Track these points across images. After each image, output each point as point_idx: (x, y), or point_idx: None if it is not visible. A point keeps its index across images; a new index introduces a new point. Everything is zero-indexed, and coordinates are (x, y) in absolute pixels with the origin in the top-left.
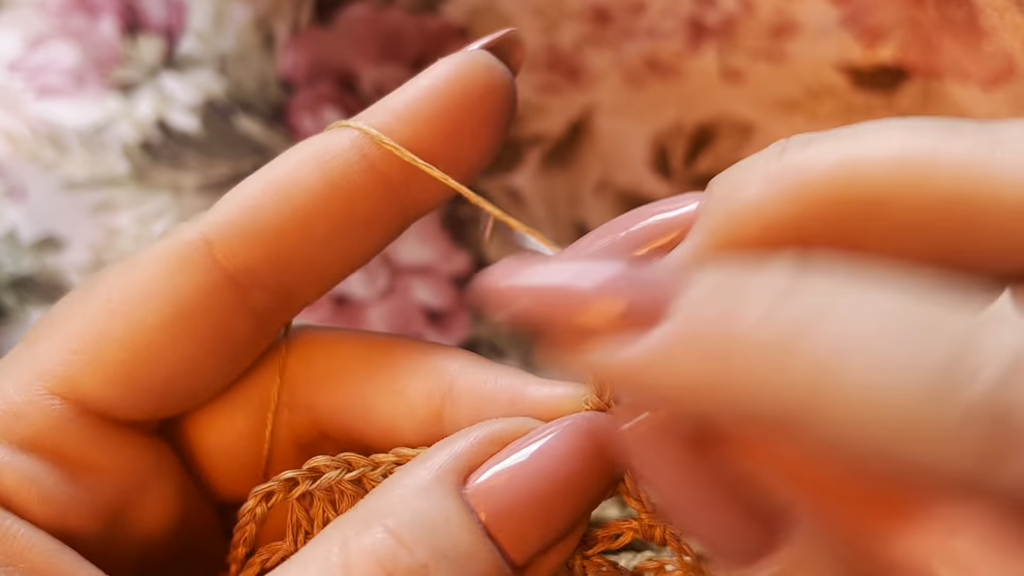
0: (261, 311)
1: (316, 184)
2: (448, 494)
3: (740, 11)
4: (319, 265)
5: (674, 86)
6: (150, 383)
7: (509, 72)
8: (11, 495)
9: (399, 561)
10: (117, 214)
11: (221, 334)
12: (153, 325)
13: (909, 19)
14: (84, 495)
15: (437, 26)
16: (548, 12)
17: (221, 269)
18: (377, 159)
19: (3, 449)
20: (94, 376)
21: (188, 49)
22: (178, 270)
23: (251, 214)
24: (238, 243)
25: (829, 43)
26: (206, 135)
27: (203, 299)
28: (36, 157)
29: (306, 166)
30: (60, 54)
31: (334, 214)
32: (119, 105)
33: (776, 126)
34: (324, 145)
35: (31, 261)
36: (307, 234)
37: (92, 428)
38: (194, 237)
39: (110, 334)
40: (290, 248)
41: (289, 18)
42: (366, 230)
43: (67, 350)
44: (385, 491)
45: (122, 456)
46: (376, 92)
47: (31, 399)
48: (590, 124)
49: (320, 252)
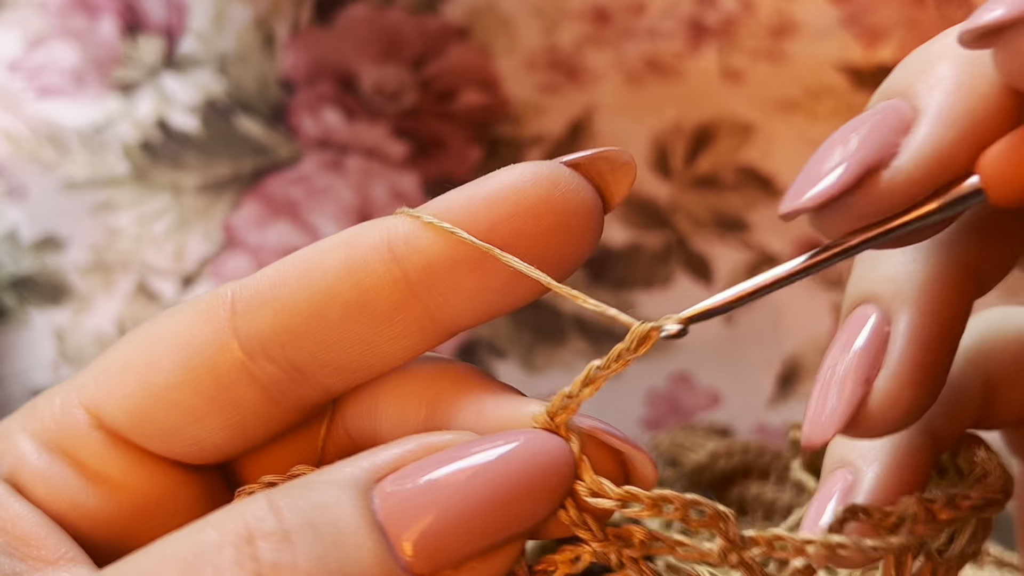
0: (268, 383)
1: (336, 267)
2: (349, 486)
3: (740, 11)
4: (332, 350)
5: (674, 86)
6: (155, 422)
7: (586, 192)
8: (24, 485)
9: (264, 524)
10: (117, 214)
11: (224, 395)
12: (165, 368)
13: (909, 19)
14: (92, 504)
15: (437, 26)
16: (548, 12)
17: (234, 331)
18: (403, 255)
19: (32, 444)
20: (111, 400)
21: (188, 49)
22: (201, 321)
23: (273, 284)
24: (254, 309)
25: (829, 43)
26: (206, 135)
27: (211, 355)
28: (36, 157)
29: (335, 248)
30: (60, 54)
31: (348, 301)
32: (119, 105)
33: (776, 126)
34: (360, 231)
35: (31, 261)
36: (319, 314)
37: (109, 445)
38: (226, 294)
39: (132, 366)
40: (301, 325)
41: (289, 18)
42: (384, 326)
43: (101, 370)
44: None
45: (137, 477)
46: (376, 92)
47: (65, 407)
48: (590, 124)
49: (333, 337)
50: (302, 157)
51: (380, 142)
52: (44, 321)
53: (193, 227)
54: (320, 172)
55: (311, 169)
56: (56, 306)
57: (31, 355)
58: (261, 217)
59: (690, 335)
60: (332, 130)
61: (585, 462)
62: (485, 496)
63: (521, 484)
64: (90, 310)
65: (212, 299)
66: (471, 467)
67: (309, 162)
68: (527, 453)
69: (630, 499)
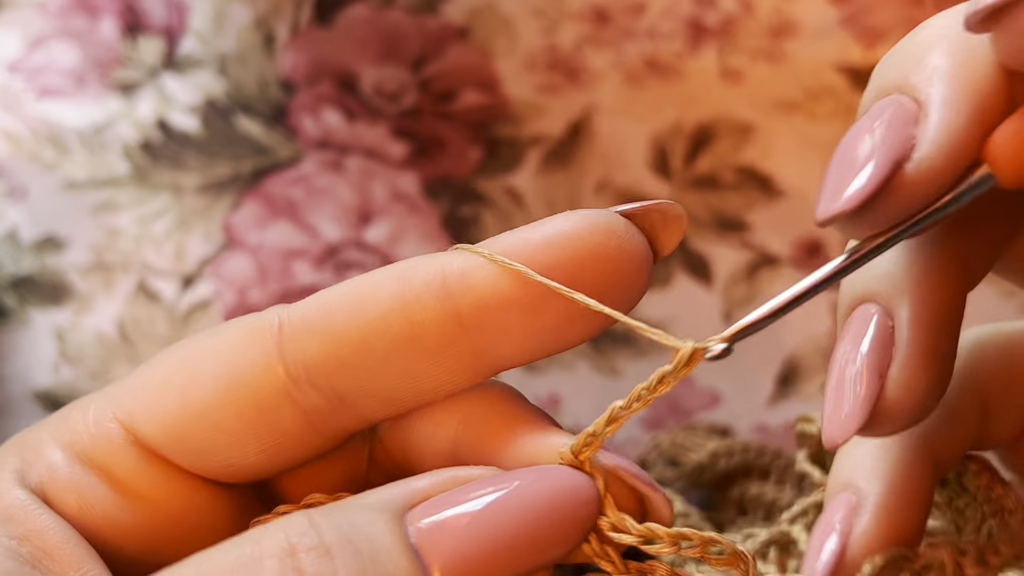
0: (310, 410)
1: (389, 299)
2: (384, 510)
3: (740, 11)
4: (377, 381)
5: (674, 86)
6: (192, 441)
7: (640, 242)
8: (54, 497)
9: (305, 538)
10: (117, 214)
11: (265, 418)
12: (206, 387)
13: (909, 19)
14: (123, 517)
15: (437, 26)
16: (548, 12)
17: (280, 355)
18: (456, 291)
19: (64, 456)
20: (149, 416)
21: (188, 50)
22: (246, 344)
23: (323, 311)
24: (302, 335)
25: (829, 43)
26: (206, 135)
27: (254, 378)
28: (37, 157)
29: (388, 280)
30: (61, 54)
31: (398, 333)
32: (119, 105)
33: (776, 126)
34: (413, 264)
35: (31, 261)
36: (367, 344)
37: (144, 460)
38: (273, 319)
39: (173, 383)
40: (348, 354)
41: (289, 19)
42: (431, 360)
43: (139, 386)
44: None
45: (170, 493)
46: (376, 92)
47: (99, 420)
48: (590, 124)
49: (379, 368)
50: (302, 157)
51: (380, 142)
52: (44, 321)
53: (193, 227)
54: (320, 172)
55: (311, 169)
56: (56, 306)
57: (31, 355)
58: (261, 217)
59: (690, 336)
60: (332, 130)
61: (609, 499)
62: (512, 528)
63: (547, 519)
64: (90, 310)
65: (258, 322)
66: (499, 501)
67: (309, 162)
68: (553, 490)
69: (650, 536)
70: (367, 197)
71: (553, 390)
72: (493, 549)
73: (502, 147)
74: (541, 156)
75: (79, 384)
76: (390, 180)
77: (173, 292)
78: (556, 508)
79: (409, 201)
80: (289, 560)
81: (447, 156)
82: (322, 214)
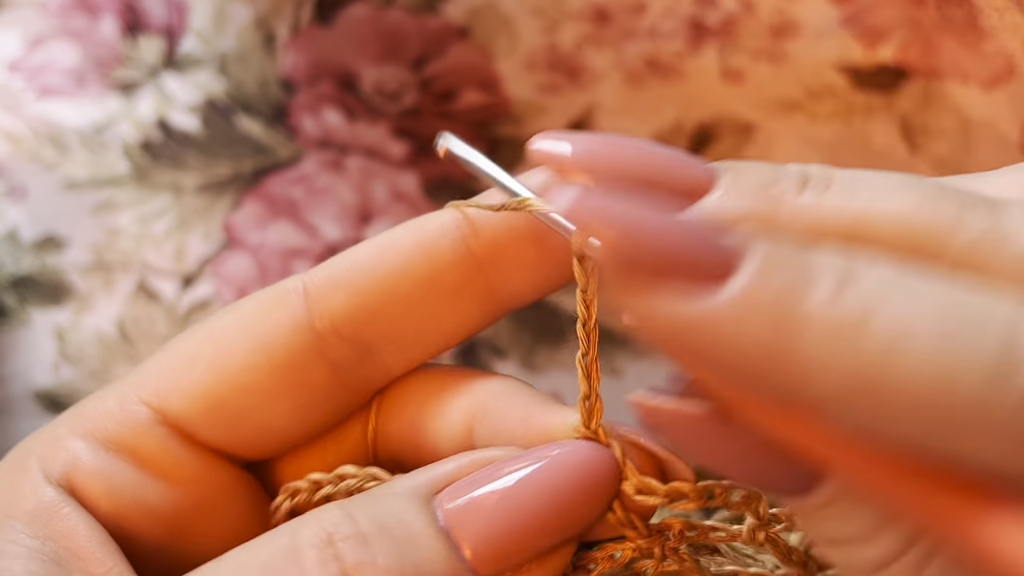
0: (338, 362)
1: (409, 247)
2: (413, 496)
3: (740, 11)
4: (401, 327)
5: (674, 86)
6: (227, 410)
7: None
8: (81, 486)
9: (341, 528)
10: (118, 214)
11: (297, 375)
12: (237, 354)
13: (909, 19)
14: (152, 499)
15: (437, 26)
16: (548, 12)
17: (308, 312)
18: (471, 235)
19: (87, 445)
20: (179, 392)
21: (189, 49)
22: (272, 308)
23: (346, 266)
24: (327, 291)
25: (829, 43)
26: (207, 135)
27: (285, 336)
28: (37, 157)
29: (406, 231)
30: (61, 54)
31: (419, 276)
32: (120, 105)
33: (776, 126)
34: (429, 216)
35: (32, 261)
36: (391, 291)
37: (172, 440)
38: (296, 282)
39: (201, 357)
40: (373, 302)
41: (289, 18)
42: (451, 301)
43: (164, 366)
44: (357, 496)
45: (196, 473)
46: (376, 92)
47: (123, 404)
48: (590, 124)
49: (402, 313)
50: (302, 157)
51: (380, 142)
52: (44, 321)
53: (193, 227)
54: (320, 172)
55: (311, 169)
56: (56, 306)
57: (31, 355)
58: (261, 217)
59: None
60: (332, 130)
61: (630, 464)
62: (539, 503)
63: (571, 490)
64: (90, 310)
65: (279, 290)
66: (524, 477)
67: (309, 162)
68: (575, 461)
69: (676, 494)
70: (367, 197)
71: (554, 390)
72: (521, 525)
73: (502, 147)
74: None
75: (79, 384)
76: (390, 180)
77: (173, 292)
78: (579, 479)
79: (409, 201)
80: (328, 549)
81: None
82: (322, 214)
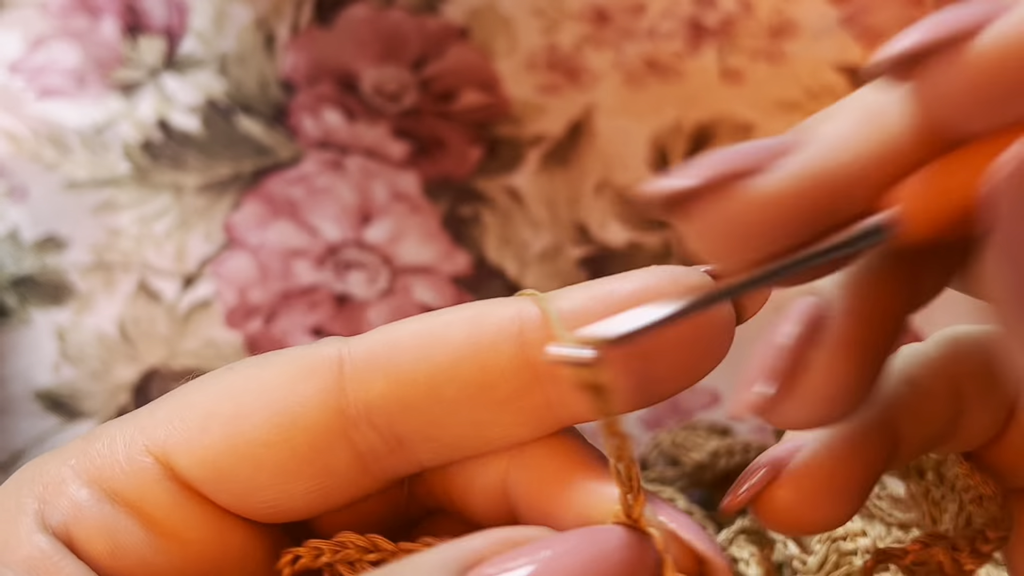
0: (365, 451)
1: (461, 342)
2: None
3: (740, 12)
4: (441, 427)
5: (674, 86)
6: (236, 483)
7: (724, 306)
8: (82, 541)
9: None
10: (118, 214)
11: (318, 459)
12: (254, 423)
13: (909, 19)
14: (158, 560)
15: (437, 26)
16: (548, 12)
17: (339, 391)
18: (533, 340)
19: (91, 494)
20: (188, 453)
21: (189, 50)
22: (300, 378)
23: (390, 350)
24: (365, 373)
25: (829, 43)
26: (207, 135)
27: (310, 415)
28: (37, 157)
29: (461, 322)
30: (61, 55)
31: (468, 379)
32: (120, 105)
33: (776, 126)
34: (487, 308)
35: (32, 261)
36: (435, 389)
37: (180, 495)
38: (332, 352)
39: (216, 416)
40: (414, 397)
41: (289, 19)
42: (501, 410)
43: (175, 417)
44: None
45: (206, 532)
46: (376, 92)
47: (130, 454)
48: (590, 124)
49: (445, 414)
50: (302, 157)
51: (380, 142)
52: (45, 321)
53: (194, 227)
54: (320, 172)
55: (311, 169)
56: (57, 306)
57: (32, 355)
58: (262, 217)
59: None
60: (332, 130)
61: (669, 560)
62: None
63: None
64: (91, 310)
65: (314, 355)
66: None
67: (309, 162)
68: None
69: None
70: (367, 197)
71: None
72: None
73: (502, 147)
74: (541, 156)
75: (80, 384)
76: (390, 180)
77: (174, 292)
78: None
79: (409, 201)
80: None
81: (447, 156)
82: (322, 214)
